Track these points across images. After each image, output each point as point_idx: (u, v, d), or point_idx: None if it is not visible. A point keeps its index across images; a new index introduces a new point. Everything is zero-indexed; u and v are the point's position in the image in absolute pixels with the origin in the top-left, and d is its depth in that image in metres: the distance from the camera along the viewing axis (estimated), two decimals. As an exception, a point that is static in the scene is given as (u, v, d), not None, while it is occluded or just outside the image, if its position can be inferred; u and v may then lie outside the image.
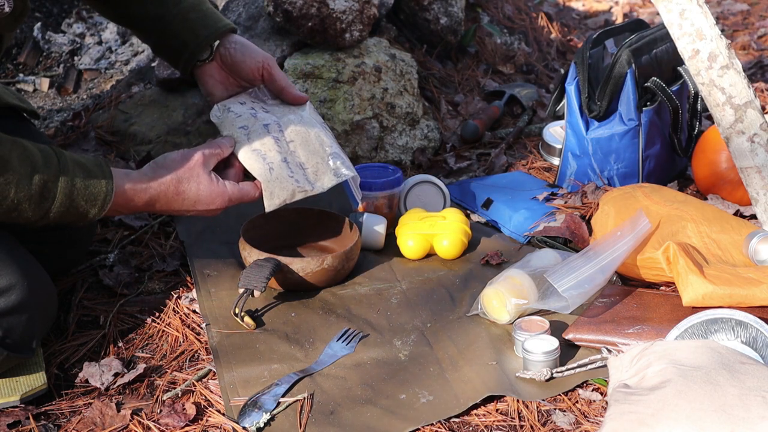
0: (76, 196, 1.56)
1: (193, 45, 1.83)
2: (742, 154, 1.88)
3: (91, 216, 1.60)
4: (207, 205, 1.71)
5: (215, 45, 1.85)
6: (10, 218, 1.54)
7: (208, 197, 1.70)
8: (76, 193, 1.56)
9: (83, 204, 1.58)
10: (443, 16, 2.84)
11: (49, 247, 1.82)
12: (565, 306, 1.74)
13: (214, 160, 1.73)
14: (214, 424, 1.54)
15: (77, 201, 1.57)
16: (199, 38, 1.83)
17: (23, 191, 1.51)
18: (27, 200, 1.52)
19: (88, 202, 1.58)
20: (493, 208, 2.18)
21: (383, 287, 1.92)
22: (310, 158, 1.82)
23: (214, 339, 1.74)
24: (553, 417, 1.56)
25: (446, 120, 2.70)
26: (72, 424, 1.55)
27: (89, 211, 1.59)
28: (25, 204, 1.52)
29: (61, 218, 1.57)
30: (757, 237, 1.80)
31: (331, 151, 1.84)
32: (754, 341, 1.55)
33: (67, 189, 1.55)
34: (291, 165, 1.80)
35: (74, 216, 1.58)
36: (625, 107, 2.18)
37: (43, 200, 1.53)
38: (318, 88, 2.44)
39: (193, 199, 1.69)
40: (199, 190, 1.69)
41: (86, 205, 1.58)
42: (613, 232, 1.86)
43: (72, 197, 1.56)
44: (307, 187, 1.81)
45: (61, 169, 1.55)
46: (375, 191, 2.07)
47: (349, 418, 1.54)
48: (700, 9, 1.87)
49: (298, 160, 1.82)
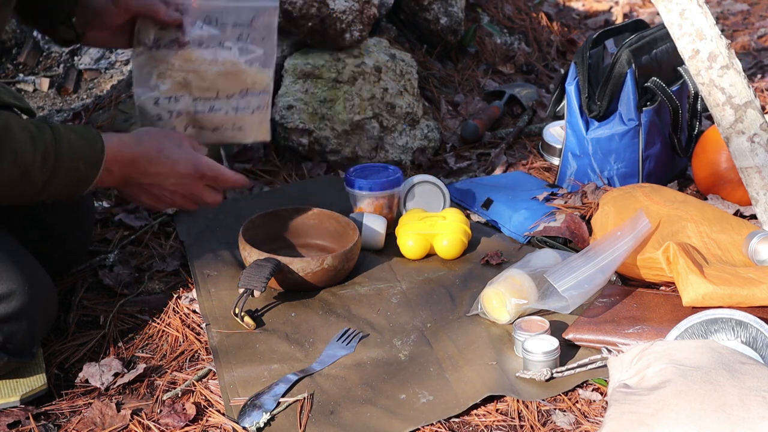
0: (74, 155, 1.57)
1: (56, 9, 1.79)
2: (742, 154, 1.88)
3: (90, 179, 1.60)
4: (185, 168, 1.71)
5: (73, 21, 1.80)
6: (19, 189, 1.53)
7: (188, 160, 1.71)
8: (72, 152, 1.57)
9: (81, 166, 1.58)
10: (443, 16, 2.84)
11: (50, 246, 1.82)
12: (565, 306, 1.74)
13: (193, 142, 1.76)
14: (214, 424, 1.54)
15: (76, 162, 1.57)
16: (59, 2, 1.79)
17: (28, 155, 1.51)
18: (32, 164, 1.52)
19: (84, 161, 1.58)
20: (493, 208, 2.18)
21: (383, 287, 1.92)
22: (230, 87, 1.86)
23: (214, 339, 1.74)
24: (553, 417, 1.56)
25: (446, 120, 2.70)
26: (72, 424, 1.55)
27: (88, 174, 1.59)
28: (31, 169, 1.52)
29: (64, 182, 1.57)
30: (757, 237, 1.80)
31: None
32: (754, 341, 1.55)
33: (64, 149, 1.56)
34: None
35: (74, 179, 1.58)
36: (625, 107, 2.18)
37: (45, 162, 1.53)
38: (318, 88, 2.44)
39: (173, 158, 1.70)
40: (180, 152, 1.71)
41: (84, 166, 1.59)
42: (613, 232, 1.86)
43: (70, 156, 1.56)
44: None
45: (54, 134, 1.56)
46: (375, 191, 2.07)
47: (349, 418, 1.54)
48: (700, 9, 1.87)
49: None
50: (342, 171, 2.43)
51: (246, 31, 1.84)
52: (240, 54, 1.84)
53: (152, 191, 1.72)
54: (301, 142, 2.43)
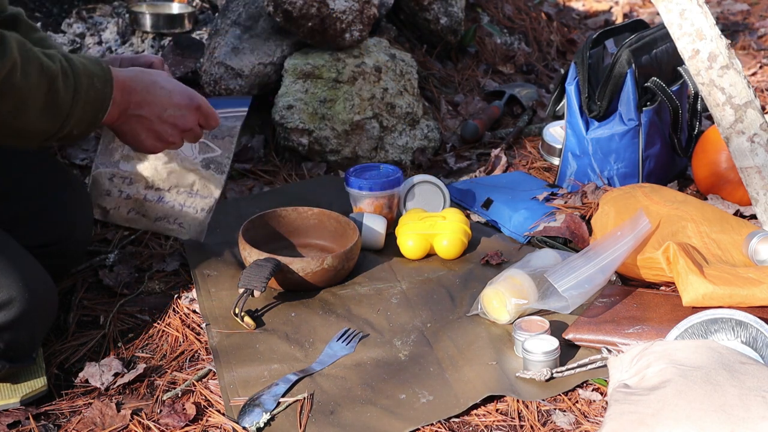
0: (87, 71, 1.56)
1: None
2: (742, 154, 1.88)
3: (107, 98, 1.59)
4: (181, 98, 1.70)
5: None
6: (52, 108, 1.52)
7: (183, 91, 1.71)
8: (84, 68, 1.56)
9: (97, 83, 1.57)
10: (443, 16, 2.84)
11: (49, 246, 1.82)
12: (565, 306, 1.74)
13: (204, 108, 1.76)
14: (214, 424, 1.54)
15: (91, 78, 1.57)
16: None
17: (51, 67, 1.51)
18: (56, 76, 1.51)
19: (97, 78, 1.58)
20: (493, 208, 2.18)
21: (383, 287, 1.92)
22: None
23: (214, 339, 1.74)
24: (553, 417, 1.56)
25: (446, 120, 2.70)
26: (72, 424, 1.55)
27: (105, 93, 1.59)
28: (57, 81, 1.51)
29: (86, 100, 1.56)
30: (757, 237, 1.80)
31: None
32: (754, 341, 1.55)
33: (77, 66, 1.55)
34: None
35: (94, 98, 1.57)
36: (625, 107, 2.18)
37: (66, 77, 1.53)
38: (318, 88, 2.44)
39: (169, 89, 1.69)
40: (174, 84, 1.71)
41: (99, 83, 1.58)
42: (613, 232, 1.86)
43: (85, 72, 1.56)
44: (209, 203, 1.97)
45: (60, 53, 1.56)
46: (375, 191, 2.07)
47: (349, 418, 1.54)
48: (700, 9, 1.87)
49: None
50: (342, 171, 2.43)
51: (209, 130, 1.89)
52: (198, 151, 1.92)
53: (152, 126, 1.70)
54: (301, 142, 2.43)
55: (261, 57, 2.50)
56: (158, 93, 1.68)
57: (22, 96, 1.48)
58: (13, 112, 1.49)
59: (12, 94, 1.47)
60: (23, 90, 1.48)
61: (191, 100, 1.72)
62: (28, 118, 1.51)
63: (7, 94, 1.47)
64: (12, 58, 1.46)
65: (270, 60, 2.50)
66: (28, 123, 1.52)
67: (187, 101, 1.72)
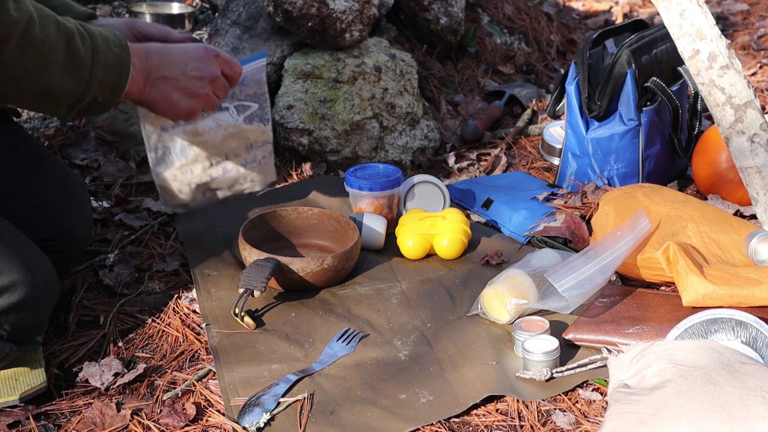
0: (103, 36, 1.57)
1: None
2: (742, 154, 1.88)
3: (126, 63, 1.59)
4: (197, 51, 1.72)
5: None
6: (73, 65, 1.52)
7: (195, 45, 1.73)
8: (100, 34, 1.57)
9: (114, 47, 1.58)
10: (443, 16, 2.84)
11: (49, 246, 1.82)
12: (565, 306, 1.74)
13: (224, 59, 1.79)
14: (214, 424, 1.54)
15: (107, 42, 1.57)
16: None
17: (67, 23, 1.51)
18: (74, 34, 1.52)
19: (113, 44, 1.58)
20: (493, 208, 2.19)
21: (383, 287, 1.92)
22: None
23: (214, 339, 1.75)
24: (553, 417, 1.56)
25: (446, 120, 2.70)
26: (72, 424, 1.55)
27: (123, 58, 1.59)
28: (74, 39, 1.51)
29: (106, 62, 1.56)
30: (757, 237, 1.80)
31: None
32: (754, 341, 1.55)
33: (92, 30, 1.56)
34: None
35: (113, 62, 1.58)
36: (625, 107, 2.18)
37: (83, 38, 1.53)
38: (318, 88, 2.44)
39: (181, 47, 1.71)
40: (187, 45, 1.73)
41: (117, 48, 1.58)
42: (613, 232, 1.86)
43: (101, 37, 1.56)
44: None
45: (73, 19, 1.56)
46: (375, 191, 2.08)
47: (349, 418, 1.54)
48: (700, 9, 1.87)
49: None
50: (342, 171, 2.43)
51: (238, 89, 1.94)
52: (237, 113, 1.96)
53: (179, 84, 1.71)
54: (301, 142, 2.43)
55: (261, 57, 2.50)
56: (174, 51, 1.70)
57: (43, 50, 1.48)
58: (37, 69, 1.49)
59: (33, 48, 1.47)
60: (44, 43, 1.48)
61: (207, 50, 1.74)
62: (52, 75, 1.51)
63: (29, 48, 1.47)
64: (28, 12, 1.46)
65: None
66: (53, 80, 1.51)
67: (203, 52, 1.73)
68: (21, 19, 1.44)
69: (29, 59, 1.48)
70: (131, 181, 2.36)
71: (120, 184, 2.34)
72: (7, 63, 1.46)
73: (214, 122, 1.94)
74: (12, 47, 1.45)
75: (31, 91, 1.52)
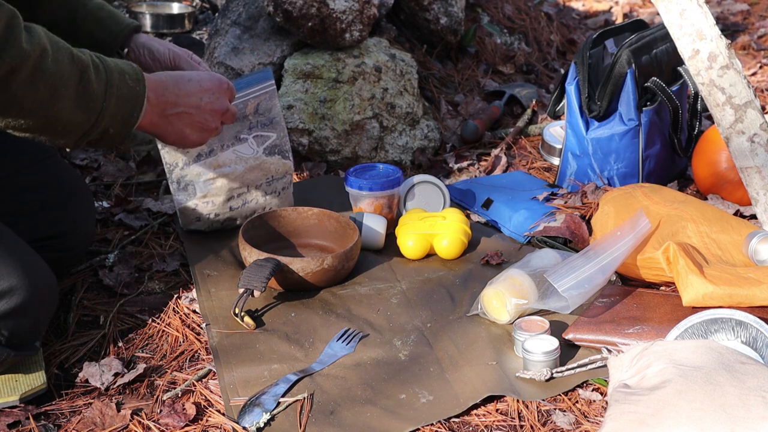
0: (118, 69, 1.57)
1: (107, 41, 1.85)
2: (742, 154, 1.88)
3: (141, 96, 1.59)
4: (210, 83, 1.73)
5: (124, 52, 1.88)
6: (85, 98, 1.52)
7: (209, 77, 1.74)
8: (116, 66, 1.57)
9: (129, 80, 1.57)
10: (443, 16, 2.84)
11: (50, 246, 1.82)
12: (565, 306, 1.74)
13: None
14: (214, 424, 1.54)
15: (123, 75, 1.57)
16: (113, 34, 1.85)
17: (81, 56, 1.51)
18: (87, 66, 1.51)
19: (129, 76, 1.58)
20: (493, 208, 2.19)
21: (383, 287, 1.92)
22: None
23: (214, 339, 1.74)
24: (553, 417, 1.56)
25: (446, 120, 2.70)
26: (72, 424, 1.55)
27: (138, 91, 1.59)
28: (88, 71, 1.51)
29: (119, 95, 1.56)
30: (757, 237, 1.80)
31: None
32: (754, 341, 1.55)
33: (108, 63, 1.56)
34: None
35: (127, 96, 1.57)
36: (625, 107, 2.18)
37: (98, 70, 1.53)
38: (318, 88, 2.44)
39: (196, 78, 1.72)
40: (198, 72, 1.75)
41: (132, 81, 1.58)
42: (613, 232, 1.86)
43: (116, 70, 1.56)
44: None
45: (90, 52, 1.56)
46: (375, 191, 2.08)
47: (349, 418, 1.54)
48: (700, 9, 1.87)
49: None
50: (342, 171, 2.43)
51: (254, 119, 2.00)
52: (257, 144, 2.01)
53: (193, 118, 1.71)
54: (301, 142, 2.43)
55: (261, 57, 2.50)
56: (189, 85, 1.70)
57: (54, 83, 1.47)
58: (47, 101, 1.48)
59: (44, 81, 1.46)
60: (55, 76, 1.47)
61: (220, 81, 1.75)
62: (62, 108, 1.50)
63: (40, 81, 1.46)
64: (41, 44, 1.46)
65: (270, 60, 2.50)
66: (63, 113, 1.50)
67: (217, 83, 1.74)
68: (33, 51, 1.44)
69: (40, 91, 1.47)
70: (131, 181, 2.36)
71: (120, 184, 2.34)
72: (18, 95, 1.45)
73: (234, 154, 2.00)
74: (22, 79, 1.44)
75: (40, 122, 1.51)
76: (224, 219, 2.06)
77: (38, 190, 1.83)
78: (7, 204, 1.78)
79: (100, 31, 1.85)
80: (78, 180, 1.94)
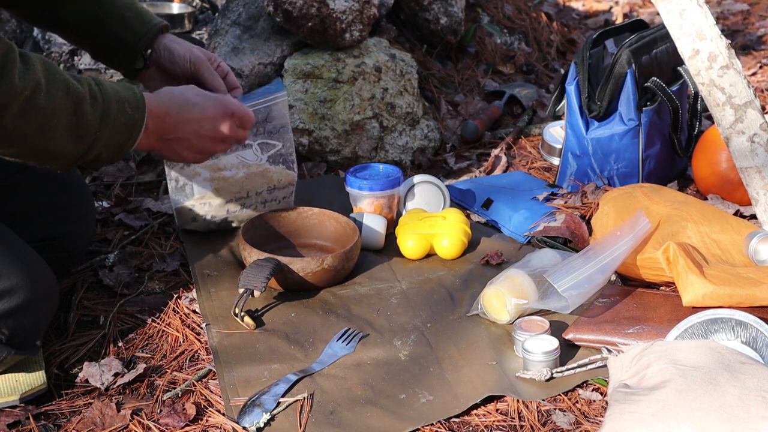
0: (118, 97, 1.57)
1: (132, 42, 1.84)
2: (742, 154, 1.88)
3: (138, 125, 1.60)
4: (215, 111, 1.72)
5: (148, 53, 1.87)
6: (77, 129, 1.52)
7: (215, 104, 1.73)
8: (116, 93, 1.57)
9: (128, 108, 1.58)
10: (443, 16, 2.84)
11: (50, 246, 1.82)
12: (565, 306, 1.74)
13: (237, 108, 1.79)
14: (214, 424, 1.54)
15: (122, 104, 1.57)
16: (138, 34, 1.84)
17: (77, 87, 1.51)
18: (83, 97, 1.51)
19: (129, 104, 1.59)
20: (493, 208, 2.18)
21: (383, 287, 1.92)
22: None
23: (214, 339, 1.75)
24: (553, 417, 1.56)
25: (446, 120, 2.70)
26: (72, 424, 1.55)
27: (136, 119, 1.59)
28: (84, 103, 1.51)
29: (116, 125, 1.56)
30: (757, 237, 1.80)
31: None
32: (754, 341, 1.55)
33: (107, 90, 1.56)
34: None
35: (124, 124, 1.58)
36: (625, 107, 2.18)
37: (94, 100, 1.53)
38: (318, 88, 2.44)
39: (201, 105, 1.71)
40: (206, 97, 1.73)
41: (131, 110, 1.58)
42: (613, 232, 1.86)
43: (116, 98, 1.57)
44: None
45: (92, 78, 1.57)
46: (375, 191, 2.07)
47: (349, 418, 1.54)
48: (700, 9, 1.87)
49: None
50: (342, 171, 2.43)
51: (262, 126, 1.99)
52: (262, 151, 2.00)
53: (191, 144, 1.72)
54: (301, 142, 2.43)
55: (261, 57, 2.50)
56: (191, 111, 1.70)
57: (46, 116, 1.48)
58: (38, 133, 1.49)
59: (35, 114, 1.48)
60: (47, 110, 1.48)
61: (225, 110, 1.74)
62: (52, 139, 1.51)
63: (31, 114, 1.47)
64: (35, 79, 1.46)
65: (270, 60, 2.50)
66: (53, 143, 1.52)
67: (221, 112, 1.73)
68: (25, 88, 1.45)
69: (30, 125, 1.48)
70: (131, 181, 2.36)
71: (120, 184, 2.34)
72: (8, 128, 1.46)
73: (236, 159, 1.98)
74: (13, 114, 1.45)
75: (29, 151, 1.52)
76: (220, 221, 2.06)
77: (38, 190, 1.83)
78: (7, 204, 1.78)
79: (126, 30, 1.83)
80: (78, 180, 1.94)
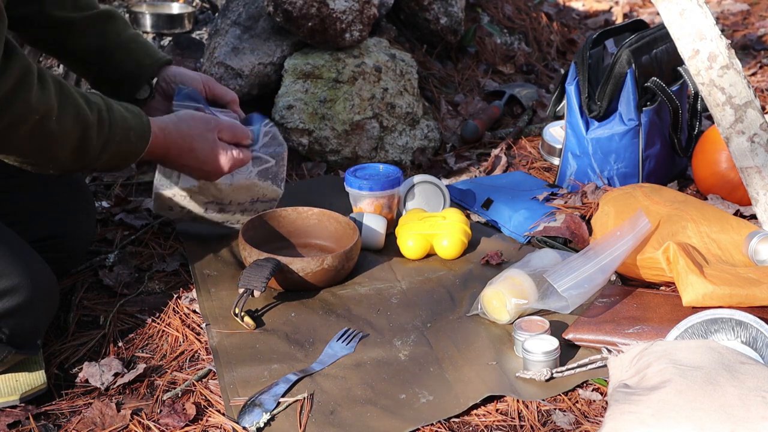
0: (125, 124, 1.62)
1: (136, 74, 1.90)
2: (742, 154, 1.88)
3: (138, 152, 1.66)
4: (213, 166, 1.81)
5: (154, 83, 1.92)
6: (78, 152, 1.57)
7: (215, 160, 1.80)
8: (124, 121, 1.62)
9: (132, 136, 1.64)
10: (443, 16, 2.84)
11: (50, 246, 1.82)
12: (565, 306, 1.74)
13: (228, 135, 1.83)
14: (214, 424, 1.54)
15: (127, 132, 1.63)
16: (142, 67, 1.90)
17: (87, 114, 1.56)
18: (91, 126, 1.56)
19: (134, 132, 1.64)
20: (493, 208, 2.19)
21: (383, 287, 1.92)
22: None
23: (214, 339, 1.75)
24: (553, 417, 1.56)
25: (446, 120, 2.70)
26: (72, 424, 1.55)
27: (138, 147, 1.66)
28: (91, 131, 1.56)
29: (117, 151, 1.62)
30: (757, 237, 1.80)
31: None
32: (754, 341, 1.55)
33: (116, 117, 1.61)
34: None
35: (125, 150, 1.64)
36: (625, 107, 2.18)
37: (101, 127, 1.58)
38: (318, 88, 2.44)
39: (202, 159, 1.78)
40: (207, 151, 1.79)
41: (135, 138, 1.65)
42: (613, 232, 1.86)
43: (123, 125, 1.62)
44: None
45: (104, 101, 1.61)
46: (375, 191, 2.08)
47: (349, 418, 1.54)
48: (700, 9, 1.87)
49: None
50: (342, 171, 2.43)
51: (258, 144, 1.98)
52: (253, 165, 1.98)
53: (191, 171, 1.83)
54: (301, 142, 2.43)
55: (261, 57, 2.50)
56: (200, 147, 1.77)
57: (53, 140, 1.54)
58: (42, 153, 1.56)
59: (44, 138, 1.53)
60: (54, 135, 1.54)
61: (223, 168, 1.82)
62: (53, 158, 1.58)
63: (39, 137, 1.52)
64: (48, 104, 1.51)
65: (270, 60, 2.50)
66: (55, 161, 1.58)
67: (219, 171, 1.82)
68: (37, 111, 1.49)
69: (36, 145, 1.54)
70: (131, 181, 2.36)
71: (120, 184, 2.34)
72: (13, 143, 1.52)
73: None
74: (22, 134, 1.50)
75: (29, 163, 1.59)
76: (195, 216, 2.04)
77: (38, 191, 1.83)
78: (7, 204, 1.79)
79: (130, 62, 1.89)
80: (78, 180, 1.94)
